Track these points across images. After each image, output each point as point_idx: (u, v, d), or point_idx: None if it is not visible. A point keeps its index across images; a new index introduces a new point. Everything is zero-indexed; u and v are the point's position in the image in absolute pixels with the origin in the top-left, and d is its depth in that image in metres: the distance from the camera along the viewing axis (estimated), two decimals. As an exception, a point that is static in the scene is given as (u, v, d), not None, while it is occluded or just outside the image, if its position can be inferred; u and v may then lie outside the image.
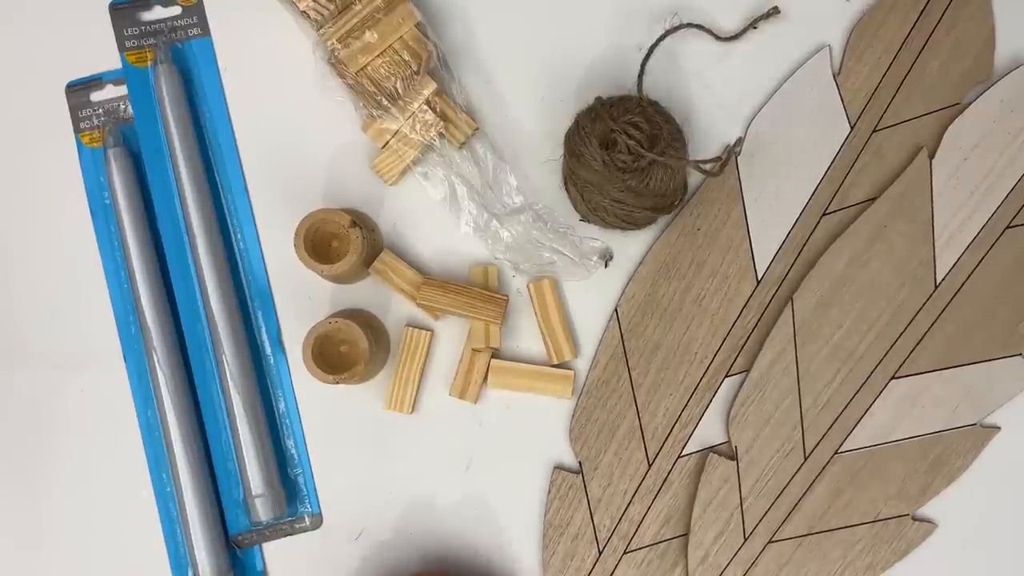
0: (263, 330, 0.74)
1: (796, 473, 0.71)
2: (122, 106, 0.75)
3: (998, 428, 0.71)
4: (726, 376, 0.72)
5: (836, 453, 0.71)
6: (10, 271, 0.74)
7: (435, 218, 0.74)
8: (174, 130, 0.73)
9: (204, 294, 0.72)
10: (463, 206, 0.73)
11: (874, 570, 0.71)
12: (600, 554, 0.71)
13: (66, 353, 0.74)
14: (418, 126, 0.72)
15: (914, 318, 0.71)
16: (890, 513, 0.71)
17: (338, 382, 0.68)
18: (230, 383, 0.71)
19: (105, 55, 0.75)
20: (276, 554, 0.73)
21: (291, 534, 0.73)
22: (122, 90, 0.75)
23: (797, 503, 0.71)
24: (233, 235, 0.74)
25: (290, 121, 0.75)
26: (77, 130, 0.75)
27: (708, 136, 0.74)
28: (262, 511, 0.71)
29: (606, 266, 0.73)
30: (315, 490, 0.73)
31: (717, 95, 0.74)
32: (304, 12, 0.72)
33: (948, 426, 0.71)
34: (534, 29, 0.75)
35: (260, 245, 0.74)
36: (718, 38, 0.74)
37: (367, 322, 0.71)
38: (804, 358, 0.71)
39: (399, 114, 0.72)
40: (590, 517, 0.72)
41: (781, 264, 0.72)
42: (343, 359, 0.70)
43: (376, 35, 0.72)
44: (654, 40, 0.72)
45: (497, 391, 0.73)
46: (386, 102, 0.72)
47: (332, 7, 0.72)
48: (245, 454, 0.71)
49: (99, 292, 0.74)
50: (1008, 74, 0.72)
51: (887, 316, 0.71)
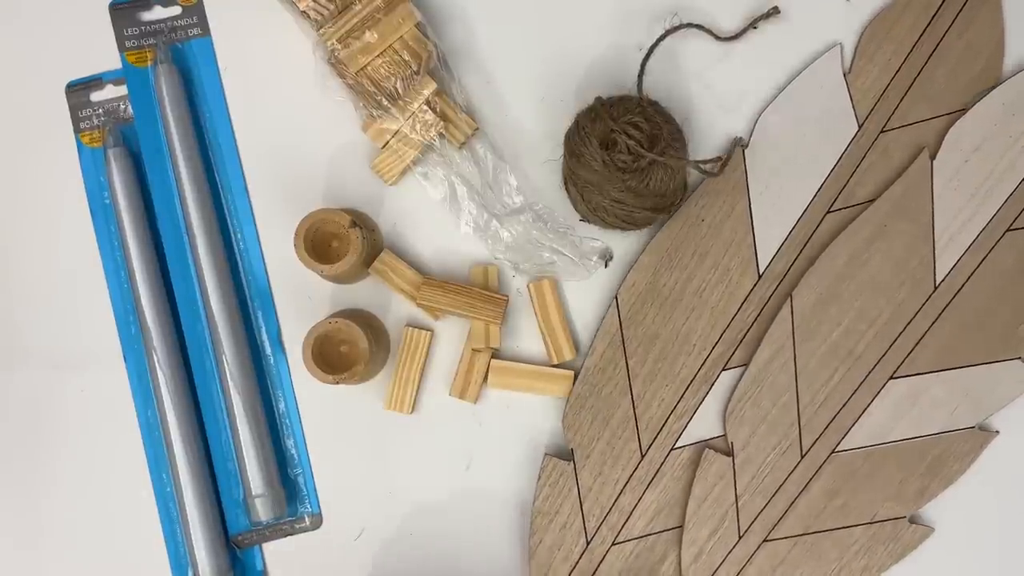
0: (263, 330, 0.74)
1: (792, 472, 0.71)
2: (122, 106, 0.75)
3: (996, 432, 0.71)
4: (723, 369, 0.72)
5: (833, 452, 0.71)
6: (10, 271, 0.74)
7: (435, 218, 0.74)
8: (174, 130, 0.73)
9: (204, 294, 0.72)
10: (463, 206, 0.73)
11: (870, 572, 0.70)
12: (588, 544, 0.71)
13: (66, 353, 0.74)
14: (418, 126, 0.72)
15: (913, 318, 0.71)
16: (887, 515, 0.71)
17: (338, 382, 0.68)
18: (230, 383, 0.71)
19: (105, 55, 0.75)
20: (276, 554, 0.73)
21: (291, 534, 0.73)
22: (122, 90, 0.75)
23: (793, 502, 0.71)
24: (233, 235, 0.74)
25: (290, 121, 0.75)
26: (77, 130, 0.75)
27: (708, 136, 0.74)
28: (262, 511, 0.71)
29: (606, 266, 0.73)
30: (315, 490, 0.73)
31: (717, 95, 0.74)
32: (304, 12, 0.72)
33: (946, 428, 0.71)
34: (534, 29, 0.75)
35: (260, 245, 0.74)
36: (718, 38, 0.74)
37: (367, 322, 0.71)
38: (802, 355, 0.71)
39: (399, 114, 0.72)
40: (579, 506, 0.71)
41: (783, 260, 0.72)
42: (343, 359, 0.70)
43: (376, 35, 0.72)
44: (654, 40, 0.72)
45: (497, 391, 0.73)
46: (386, 102, 0.72)
47: (332, 7, 0.72)
48: (245, 454, 0.71)
49: (99, 292, 0.74)
50: (1010, 78, 0.72)
51: (886, 315, 0.71)
